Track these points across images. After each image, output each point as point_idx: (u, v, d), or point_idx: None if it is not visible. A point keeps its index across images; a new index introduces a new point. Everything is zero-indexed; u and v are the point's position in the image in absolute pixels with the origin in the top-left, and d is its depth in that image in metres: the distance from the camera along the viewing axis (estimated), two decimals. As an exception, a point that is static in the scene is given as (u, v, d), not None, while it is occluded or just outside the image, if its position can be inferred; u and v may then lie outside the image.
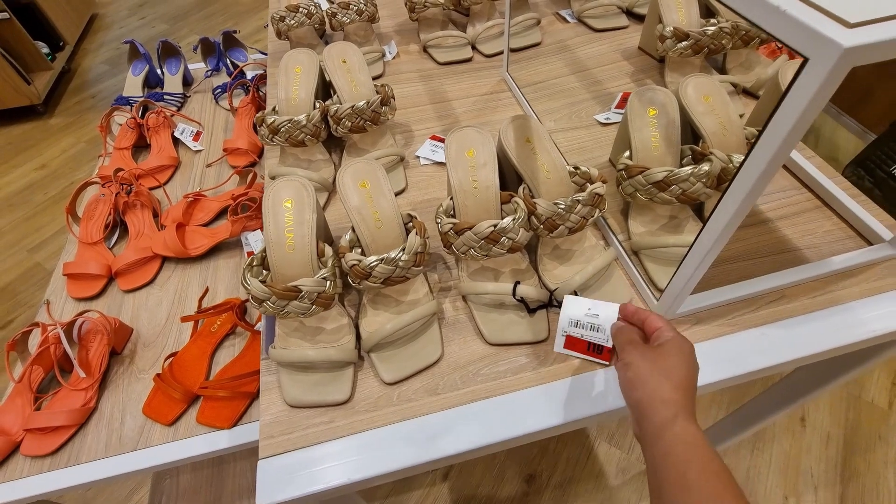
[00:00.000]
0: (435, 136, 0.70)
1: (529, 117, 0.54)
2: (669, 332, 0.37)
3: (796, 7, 0.27)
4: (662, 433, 0.32)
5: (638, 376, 0.35)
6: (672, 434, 0.32)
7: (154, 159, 1.09)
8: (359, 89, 0.65)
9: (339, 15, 0.79)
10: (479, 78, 0.80)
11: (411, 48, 0.88)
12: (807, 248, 0.55)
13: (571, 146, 0.68)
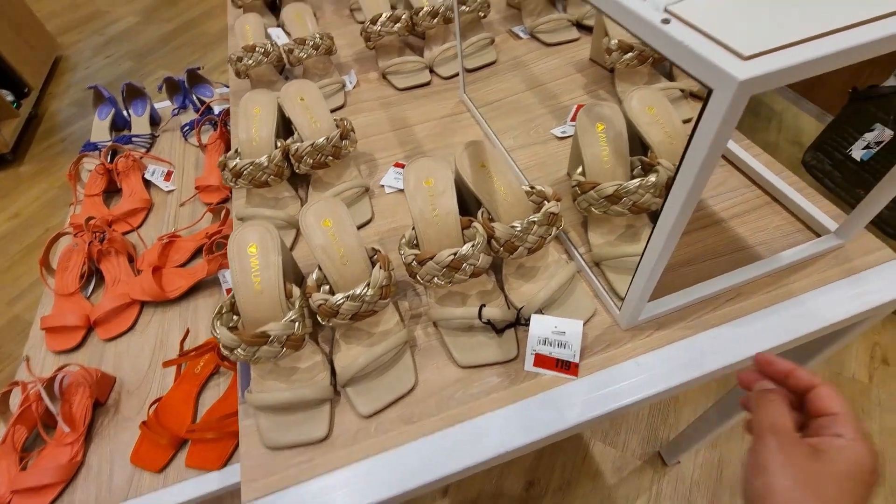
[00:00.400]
0: (398, 163, 0.72)
1: (483, 142, 0.56)
2: (848, 430, 0.25)
3: (698, 41, 0.29)
4: None
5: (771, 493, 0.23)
6: None
7: (126, 203, 1.09)
8: (318, 125, 0.66)
9: (297, 51, 0.81)
10: (438, 101, 0.82)
11: (371, 76, 0.89)
12: (759, 245, 0.57)
13: (531, 162, 0.69)
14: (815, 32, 0.28)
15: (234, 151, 0.65)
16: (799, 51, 0.28)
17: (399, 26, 0.83)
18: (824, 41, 0.28)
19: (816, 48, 0.28)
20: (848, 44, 0.28)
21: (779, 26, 0.29)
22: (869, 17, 0.29)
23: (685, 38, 0.29)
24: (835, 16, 0.29)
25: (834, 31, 0.29)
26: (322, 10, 1.10)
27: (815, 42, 0.28)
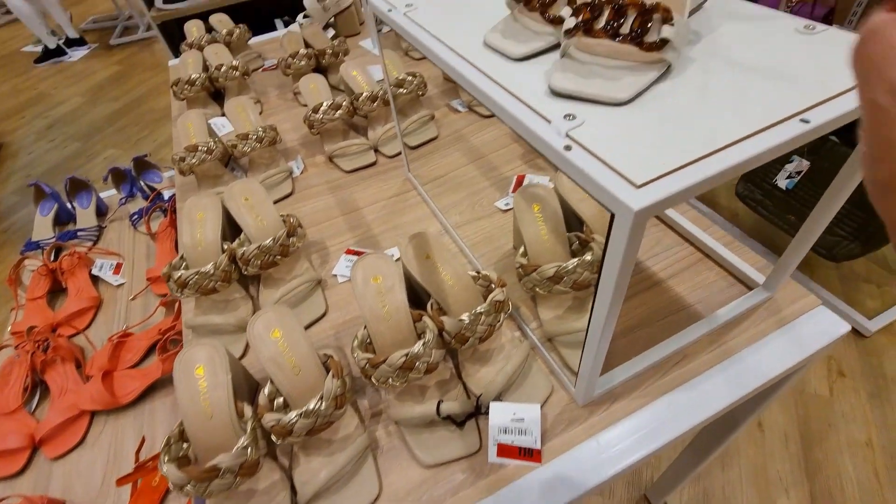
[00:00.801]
0: (350, 249, 0.72)
1: (426, 233, 0.58)
2: None
3: (596, 169, 0.32)
4: None
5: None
6: None
7: (73, 303, 1.04)
8: (265, 222, 0.66)
9: (240, 146, 0.82)
10: (385, 180, 0.84)
11: (318, 159, 0.91)
12: (698, 303, 0.60)
13: (477, 238, 0.72)
14: (700, 153, 0.32)
15: (179, 258, 0.64)
16: (687, 174, 0.30)
17: (340, 113, 0.86)
18: (710, 161, 0.31)
19: (702, 169, 0.31)
20: (729, 162, 0.31)
21: (667, 149, 0.32)
22: (746, 133, 0.32)
23: (585, 165, 0.32)
24: (716, 136, 0.33)
25: (717, 151, 0.32)
26: (266, 95, 1.13)
27: (702, 163, 0.31)
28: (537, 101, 0.38)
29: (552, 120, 0.36)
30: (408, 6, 0.56)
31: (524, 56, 0.43)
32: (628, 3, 0.36)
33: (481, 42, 0.47)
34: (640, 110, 0.36)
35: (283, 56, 1.07)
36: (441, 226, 0.75)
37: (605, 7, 0.36)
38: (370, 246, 0.73)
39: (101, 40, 3.51)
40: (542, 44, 0.43)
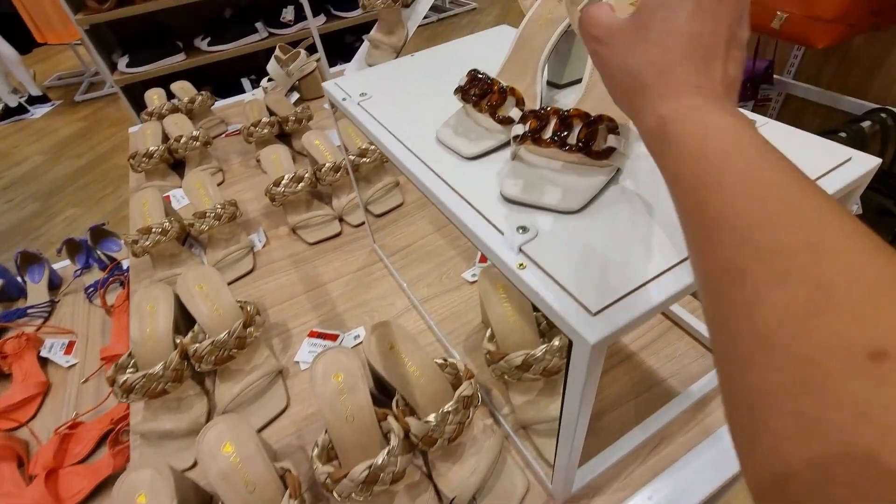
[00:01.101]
0: (313, 331, 0.69)
1: (388, 323, 0.56)
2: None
3: (552, 293, 0.30)
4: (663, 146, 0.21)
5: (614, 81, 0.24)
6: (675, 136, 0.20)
7: (17, 391, 0.96)
8: (220, 312, 0.63)
9: (198, 224, 0.79)
10: (350, 252, 0.83)
11: (281, 231, 0.89)
12: (671, 377, 0.59)
13: (445, 313, 0.70)
14: (658, 270, 0.31)
15: (127, 356, 0.60)
16: (644, 297, 0.30)
17: (303, 186, 0.84)
18: (667, 279, 0.30)
19: (660, 289, 0.30)
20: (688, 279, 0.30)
21: (623, 268, 0.31)
22: (695, 246, 0.32)
23: (541, 288, 0.31)
24: (672, 249, 0.32)
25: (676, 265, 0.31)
26: (229, 163, 1.11)
27: (660, 281, 0.30)
28: (490, 209, 0.37)
29: (505, 232, 0.35)
30: (362, 95, 0.56)
31: (476, 155, 0.43)
32: (573, 115, 0.36)
33: (434, 136, 0.47)
34: (592, 219, 0.35)
35: (246, 124, 1.06)
36: (409, 301, 0.73)
37: (551, 117, 0.36)
38: (335, 326, 0.70)
39: (65, 97, 3.46)
40: (493, 142, 0.43)
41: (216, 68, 2.01)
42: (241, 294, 0.77)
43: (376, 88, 0.58)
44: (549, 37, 0.45)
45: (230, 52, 1.96)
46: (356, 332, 0.69)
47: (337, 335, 0.68)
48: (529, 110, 0.38)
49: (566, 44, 0.49)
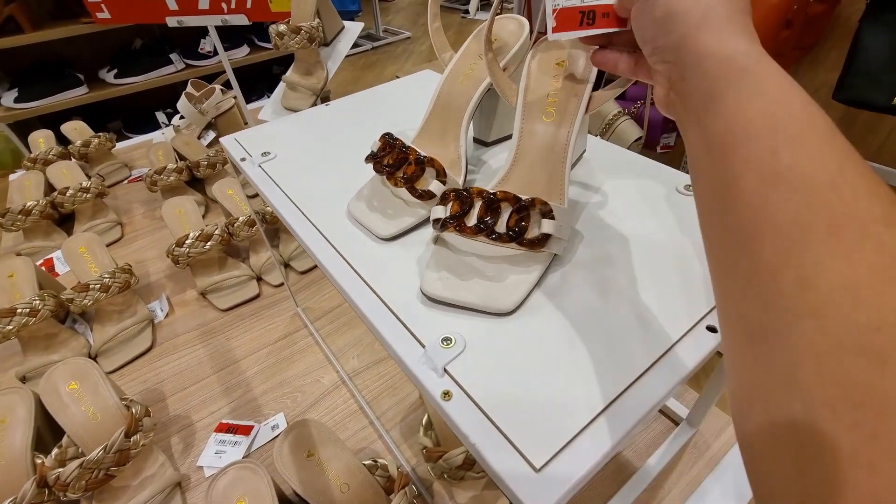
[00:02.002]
0: (222, 423, 0.59)
1: (308, 422, 0.47)
2: None
3: (491, 442, 0.24)
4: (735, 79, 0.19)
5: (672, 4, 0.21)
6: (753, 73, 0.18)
7: None
8: (99, 418, 0.51)
9: (79, 299, 0.66)
10: (270, 318, 0.73)
11: (188, 296, 0.78)
12: (627, 448, 0.54)
13: (379, 388, 0.62)
14: (609, 399, 0.25)
15: (-33, 488, 0.47)
16: (596, 437, 0.24)
17: (212, 244, 0.74)
18: (618, 409, 0.25)
19: (616, 424, 0.24)
20: (642, 409, 0.25)
21: (570, 396, 0.25)
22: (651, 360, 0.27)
23: (470, 429, 0.24)
24: (622, 374, 0.27)
25: (624, 392, 0.26)
26: (130, 214, 0.98)
27: (612, 410, 0.25)
28: (409, 310, 0.31)
29: (427, 345, 0.28)
30: (264, 155, 0.49)
31: (393, 236, 0.36)
32: (501, 198, 0.30)
33: (346, 208, 0.40)
34: (529, 326, 0.29)
35: (150, 171, 0.94)
36: (337, 375, 0.64)
37: (475, 200, 0.31)
38: (250, 414, 0.60)
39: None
40: (412, 219, 0.37)
41: (127, 102, 1.83)
42: (134, 382, 0.65)
43: (282, 145, 0.50)
44: (470, 95, 0.40)
45: (141, 84, 1.80)
46: (274, 420, 0.59)
47: (251, 427, 0.58)
48: (451, 189, 0.32)
49: (491, 100, 0.44)
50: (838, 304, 0.14)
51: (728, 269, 0.18)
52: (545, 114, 0.35)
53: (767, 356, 0.15)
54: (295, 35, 0.77)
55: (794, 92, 0.18)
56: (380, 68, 3.21)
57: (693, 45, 0.20)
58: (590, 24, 0.27)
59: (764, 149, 0.17)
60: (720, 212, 0.18)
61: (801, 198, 0.15)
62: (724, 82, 0.19)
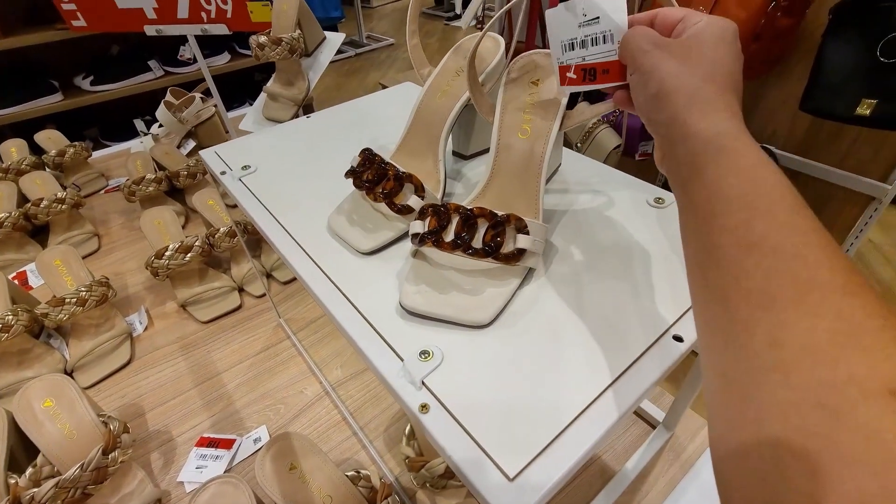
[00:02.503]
0: (203, 438, 0.58)
1: (288, 435, 0.47)
2: (700, 16, 0.25)
3: (466, 452, 0.25)
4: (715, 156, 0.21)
5: (664, 84, 0.23)
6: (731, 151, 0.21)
7: None
8: (75, 435, 0.50)
9: (53, 314, 0.65)
10: (252, 329, 0.73)
11: (168, 308, 0.77)
12: (605, 452, 0.56)
13: (362, 398, 0.62)
14: (578, 409, 0.26)
15: (-64, 511, 0.45)
16: (567, 448, 0.25)
17: (192, 256, 0.74)
18: (588, 419, 0.26)
19: (584, 434, 0.25)
20: (611, 418, 0.26)
21: (540, 410, 0.26)
22: (623, 367, 0.28)
23: (447, 441, 0.25)
24: (592, 384, 0.28)
25: (592, 403, 0.27)
26: (107, 226, 0.96)
27: (582, 421, 0.26)
28: (388, 324, 0.31)
29: (405, 359, 0.29)
30: (245, 169, 0.49)
31: (373, 250, 0.37)
32: (477, 214, 0.31)
33: (326, 222, 0.40)
34: (504, 338, 0.30)
35: (128, 182, 0.92)
36: (321, 386, 0.64)
37: (452, 216, 0.31)
38: (232, 428, 0.60)
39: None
40: (392, 233, 0.38)
41: (104, 109, 1.80)
42: (112, 397, 0.64)
43: (263, 158, 0.51)
44: (449, 111, 0.41)
45: (118, 91, 1.77)
46: (257, 433, 0.59)
47: (233, 441, 0.58)
48: (429, 205, 0.33)
49: (469, 114, 0.45)
50: (801, 363, 0.16)
51: (710, 321, 0.20)
52: (521, 131, 0.37)
53: (741, 403, 0.17)
54: (276, 46, 0.77)
55: (766, 169, 0.20)
56: (363, 74, 3.21)
57: (681, 123, 0.23)
58: (591, 80, 0.29)
59: (739, 220, 0.19)
60: (704, 270, 0.20)
61: (771, 264, 0.18)
62: (706, 157, 0.21)
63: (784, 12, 0.96)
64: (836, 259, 0.17)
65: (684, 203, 0.23)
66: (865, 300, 0.16)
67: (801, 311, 0.16)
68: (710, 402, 0.19)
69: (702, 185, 0.21)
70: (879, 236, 1.64)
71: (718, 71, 0.23)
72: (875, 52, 0.84)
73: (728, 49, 0.24)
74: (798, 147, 1.19)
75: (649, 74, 0.24)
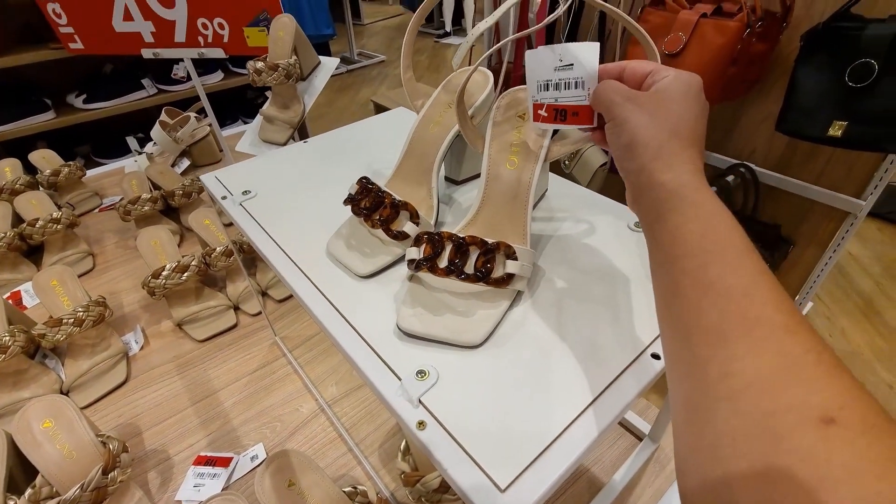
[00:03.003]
0: (201, 457, 0.59)
1: (286, 452, 0.48)
2: (668, 70, 0.27)
3: (461, 465, 0.27)
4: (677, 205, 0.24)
5: (635, 136, 0.26)
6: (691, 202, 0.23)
7: None
8: (75, 455, 0.51)
9: (50, 335, 0.66)
10: (248, 347, 0.74)
11: (163, 327, 0.78)
12: (594, 464, 0.57)
13: (357, 414, 0.63)
14: (566, 422, 0.28)
15: (-66, 534, 0.46)
16: (555, 459, 0.27)
17: (188, 275, 0.75)
18: (575, 431, 0.28)
19: (572, 445, 0.27)
20: (596, 430, 0.28)
21: (530, 425, 0.28)
22: (604, 384, 0.30)
23: (443, 455, 0.27)
24: (578, 399, 0.30)
25: (579, 416, 0.29)
26: (102, 244, 0.97)
27: (570, 432, 0.28)
28: (386, 345, 0.33)
29: (403, 378, 0.31)
30: (245, 194, 0.51)
31: (371, 273, 0.39)
32: (469, 242, 0.33)
33: (325, 246, 0.42)
34: (496, 357, 0.32)
35: (123, 201, 0.94)
36: (317, 403, 0.65)
37: (446, 243, 0.34)
38: (229, 446, 0.61)
39: None
40: (389, 257, 0.40)
41: (96, 126, 1.81)
42: (109, 415, 0.65)
43: (262, 183, 0.53)
44: (441, 141, 0.44)
45: (111, 109, 1.78)
46: (254, 450, 0.60)
47: (230, 458, 0.58)
48: (424, 233, 0.35)
49: (461, 142, 0.48)
50: (748, 394, 0.18)
51: (674, 353, 0.22)
52: (508, 162, 0.39)
53: (700, 430, 0.19)
54: (272, 72, 0.79)
55: (720, 217, 0.23)
56: (354, 91, 3.25)
57: (648, 173, 0.25)
58: (562, 120, 0.31)
59: (697, 264, 0.22)
60: (669, 307, 0.23)
61: (724, 305, 0.20)
62: (670, 205, 0.24)
63: (759, 38, 1.01)
64: (779, 299, 0.20)
65: (651, 243, 0.26)
66: (804, 337, 0.18)
67: (749, 347, 0.19)
68: (675, 429, 0.21)
69: (666, 230, 0.24)
70: (858, 249, 1.70)
71: (683, 125, 0.25)
72: (844, 78, 0.89)
73: (692, 104, 0.26)
74: (777, 164, 1.24)
75: (622, 126, 0.26)
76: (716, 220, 0.23)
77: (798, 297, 1.31)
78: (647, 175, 0.25)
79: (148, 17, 0.88)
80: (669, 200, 0.24)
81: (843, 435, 0.16)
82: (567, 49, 0.29)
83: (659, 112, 0.26)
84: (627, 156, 0.26)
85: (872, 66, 0.83)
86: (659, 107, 0.26)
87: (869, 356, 1.32)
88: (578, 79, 0.30)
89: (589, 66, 0.29)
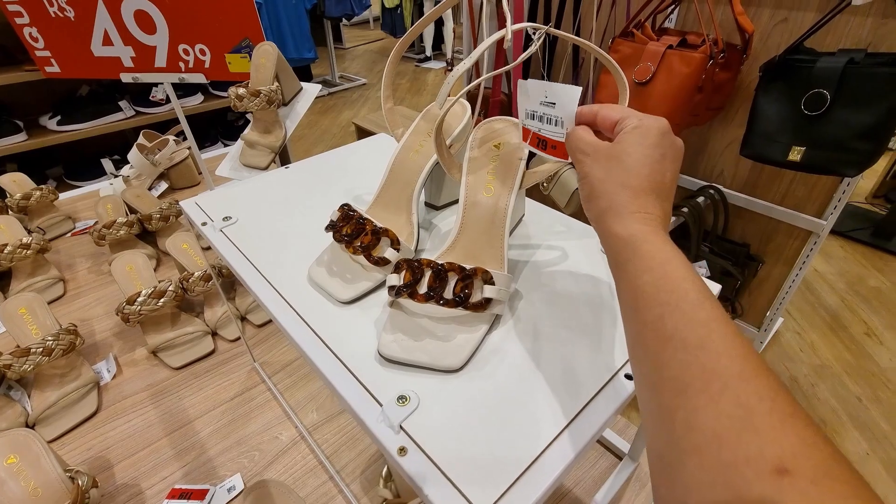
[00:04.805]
0: (175, 489, 0.57)
1: (265, 483, 0.48)
2: (632, 119, 0.28)
3: (441, 491, 0.27)
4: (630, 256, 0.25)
5: (593, 189, 0.28)
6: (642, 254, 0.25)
7: None
8: (40, 493, 0.49)
9: (17, 365, 0.64)
10: (226, 374, 0.72)
11: (137, 355, 0.76)
12: (575, 485, 0.58)
13: (338, 441, 0.63)
14: (544, 444, 0.29)
15: None
16: (534, 480, 0.27)
17: (165, 301, 0.73)
18: (553, 452, 0.29)
19: (550, 466, 0.28)
20: (575, 449, 0.29)
21: (509, 447, 0.29)
22: (580, 406, 0.31)
23: (424, 481, 0.27)
24: (557, 418, 0.31)
25: (558, 436, 0.30)
26: (73, 270, 0.95)
27: (548, 454, 0.29)
28: (367, 371, 0.34)
29: (384, 404, 0.31)
30: (226, 220, 0.51)
31: (352, 299, 0.40)
32: (448, 269, 0.34)
33: (307, 273, 0.43)
34: (475, 380, 0.33)
35: (98, 225, 0.92)
36: (296, 430, 0.64)
37: (425, 270, 0.35)
38: (205, 477, 0.59)
39: None
40: (369, 283, 0.40)
41: (69, 148, 1.78)
42: (78, 450, 0.62)
43: (243, 209, 0.53)
44: (420, 169, 0.45)
45: (86, 131, 1.75)
46: (231, 481, 0.58)
47: (206, 490, 0.57)
48: (404, 260, 0.36)
49: (440, 169, 0.49)
50: (710, 447, 0.19)
51: (645, 403, 0.24)
52: (485, 189, 0.40)
53: (671, 482, 0.20)
54: (254, 98, 0.80)
55: (672, 265, 0.24)
56: (335, 113, 3.28)
57: (603, 223, 0.27)
58: (543, 149, 0.34)
59: (655, 315, 0.23)
60: (636, 358, 0.25)
61: (682, 357, 0.21)
62: (625, 256, 0.26)
63: (721, 68, 1.07)
64: (733, 346, 0.21)
65: (617, 287, 0.27)
66: (757, 384, 0.19)
67: (708, 399, 0.20)
68: (651, 477, 0.22)
69: (625, 279, 0.26)
70: (823, 265, 1.77)
71: (634, 176, 0.27)
72: (800, 106, 0.94)
73: (650, 151, 0.27)
74: (743, 186, 1.30)
75: (583, 180, 0.29)
76: (669, 269, 0.24)
77: (769, 312, 1.35)
78: (603, 225, 0.27)
79: (128, 43, 0.88)
80: (624, 251, 0.26)
81: (797, 484, 0.17)
82: (553, 88, 0.31)
83: (612, 165, 0.27)
84: (588, 206, 0.29)
85: (825, 95, 0.88)
86: (612, 160, 0.27)
87: (838, 370, 1.36)
88: (559, 118, 0.31)
89: (568, 108, 0.31)
